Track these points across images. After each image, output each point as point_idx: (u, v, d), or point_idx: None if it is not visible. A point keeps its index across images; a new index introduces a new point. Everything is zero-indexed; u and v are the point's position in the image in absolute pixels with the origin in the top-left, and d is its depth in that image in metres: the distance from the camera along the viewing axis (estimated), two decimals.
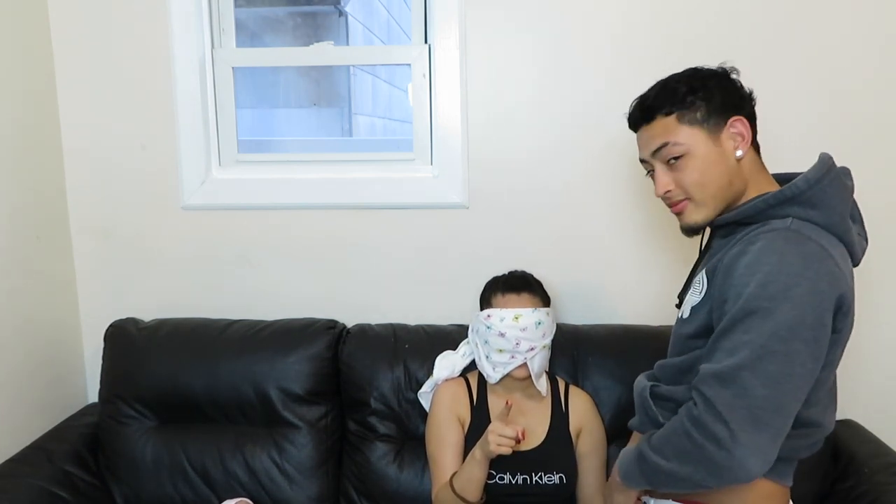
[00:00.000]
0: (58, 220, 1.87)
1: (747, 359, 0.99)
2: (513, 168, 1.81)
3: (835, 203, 1.08)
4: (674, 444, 1.06)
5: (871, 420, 1.72)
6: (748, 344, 1.00)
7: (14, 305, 1.70)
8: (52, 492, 1.55)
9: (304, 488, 1.65)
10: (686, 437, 1.03)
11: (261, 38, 3.96)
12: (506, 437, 1.31)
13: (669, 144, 1.14)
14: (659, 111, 1.15)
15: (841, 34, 1.69)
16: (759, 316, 1.00)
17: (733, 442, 0.98)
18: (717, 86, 1.14)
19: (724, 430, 0.98)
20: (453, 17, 1.75)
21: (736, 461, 0.98)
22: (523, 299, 1.49)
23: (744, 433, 0.98)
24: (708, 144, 1.13)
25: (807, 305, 0.99)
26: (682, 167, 1.14)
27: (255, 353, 1.69)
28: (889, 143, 1.72)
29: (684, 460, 1.04)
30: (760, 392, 0.98)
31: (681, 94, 1.14)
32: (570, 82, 1.76)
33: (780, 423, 1.00)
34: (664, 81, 1.19)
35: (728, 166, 1.13)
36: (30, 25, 1.76)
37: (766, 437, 0.99)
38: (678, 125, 1.14)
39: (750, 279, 1.02)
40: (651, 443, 1.11)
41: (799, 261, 1.01)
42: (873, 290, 1.76)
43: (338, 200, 1.85)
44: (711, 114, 1.13)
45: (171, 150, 1.86)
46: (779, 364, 0.99)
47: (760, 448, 0.99)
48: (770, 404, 0.99)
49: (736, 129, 1.13)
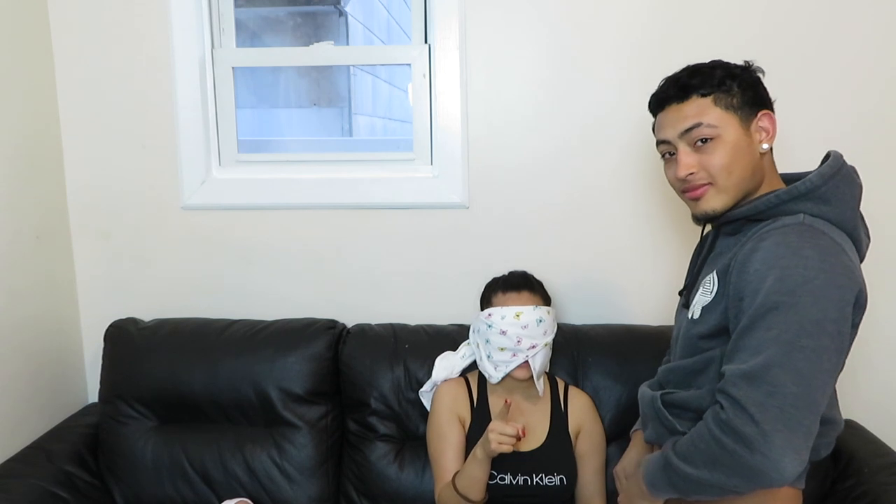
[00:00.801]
0: (58, 220, 1.87)
1: (776, 356, 0.97)
2: (513, 168, 1.81)
3: (847, 199, 1.09)
4: (702, 451, 1.03)
5: (871, 420, 1.72)
6: (774, 340, 0.98)
7: (14, 305, 1.70)
8: (52, 492, 1.54)
9: (304, 488, 1.65)
10: (715, 443, 1.00)
11: (261, 38, 3.97)
12: (506, 436, 1.31)
13: (703, 125, 1.12)
14: (696, 90, 1.14)
15: (848, 33, 1.69)
16: (781, 311, 0.98)
17: (767, 444, 0.95)
18: (750, 77, 1.15)
19: (757, 432, 0.95)
20: (453, 17, 1.75)
21: (771, 463, 0.95)
22: (524, 297, 1.49)
23: (778, 434, 0.95)
24: (739, 132, 1.13)
25: (828, 299, 0.98)
26: (711, 150, 1.12)
27: (255, 353, 1.69)
28: (893, 143, 1.72)
29: (715, 467, 1.01)
30: (792, 390, 0.96)
31: (719, 77, 1.13)
32: (571, 82, 1.76)
33: (811, 421, 0.98)
34: (696, 66, 1.17)
35: (753, 157, 1.13)
36: (30, 26, 1.75)
37: (800, 436, 0.96)
38: (713, 107, 1.13)
39: (767, 274, 1.01)
40: (677, 451, 1.08)
41: (815, 254, 1.00)
42: (874, 290, 1.75)
43: (338, 200, 1.85)
44: (745, 103, 1.13)
45: (171, 150, 1.86)
46: (808, 360, 0.97)
47: (795, 448, 0.96)
48: (802, 402, 0.96)
49: (764, 123, 1.14)
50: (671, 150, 1.18)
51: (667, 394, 1.20)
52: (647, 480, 1.15)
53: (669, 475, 1.08)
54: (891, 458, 1.53)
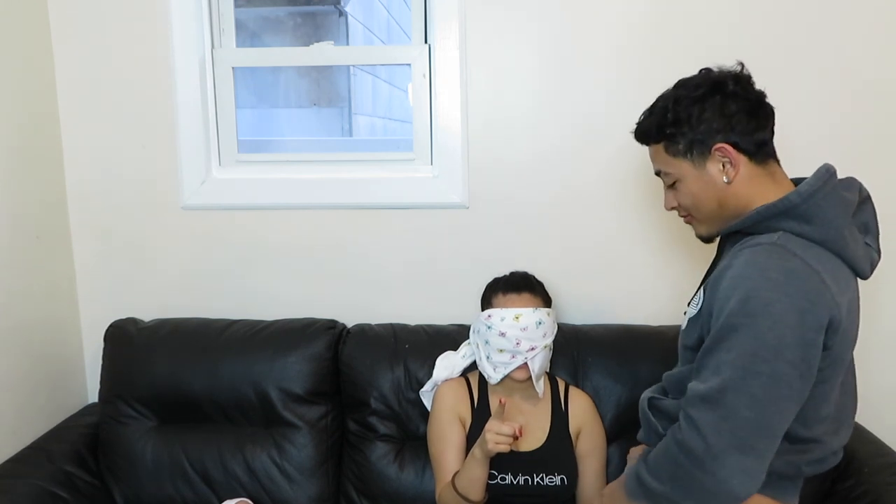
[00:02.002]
0: (58, 220, 1.87)
1: (731, 380, 0.99)
2: (513, 168, 1.81)
3: (831, 217, 1.05)
4: (664, 467, 1.07)
5: (871, 420, 1.72)
6: (731, 364, 1.00)
7: (14, 305, 1.70)
8: (52, 492, 1.54)
9: (304, 488, 1.65)
10: (673, 460, 1.04)
11: (261, 38, 3.97)
12: (503, 435, 1.31)
13: (663, 173, 1.20)
14: (651, 139, 1.20)
15: (849, 35, 1.69)
16: (741, 333, 1.00)
17: (716, 464, 0.98)
18: (700, 113, 1.12)
19: (707, 453, 0.99)
20: (453, 17, 1.75)
21: (719, 483, 0.99)
22: (524, 299, 1.49)
23: (728, 456, 0.98)
24: (693, 174, 1.15)
25: (786, 325, 0.98)
26: (678, 189, 1.19)
27: (255, 353, 1.69)
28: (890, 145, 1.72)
29: (677, 484, 1.04)
30: (745, 414, 0.98)
31: (666, 125, 1.15)
32: (571, 82, 1.76)
33: (765, 445, 1.01)
34: (655, 104, 1.20)
35: (717, 190, 1.14)
36: (30, 26, 1.75)
37: (752, 458, 0.99)
38: (666, 155, 1.18)
39: (732, 293, 1.02)
40: (648, 464, 1.11)
41: (780, 277, 1.00)
42: (874, 292, 1.76)
43: (338, 200, 1.85)
44: (694, 144, 1.13)
45: (171, 150, 1.86)
46: (763, 386, 0.98)
47: (745, 470, 0.99)
48: (755, 426, 0.99)
49: (721, 154, 1.12)
50: None
51: (656, 399, 1.23)
52: (627, 489, 1.17)
53: (643, 488, 1.11)
54: (891, 458, 1.53)
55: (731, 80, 1.13)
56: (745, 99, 1.12)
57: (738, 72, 1.15)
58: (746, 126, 1.11)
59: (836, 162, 1.18)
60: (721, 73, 1.15)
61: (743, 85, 1.13)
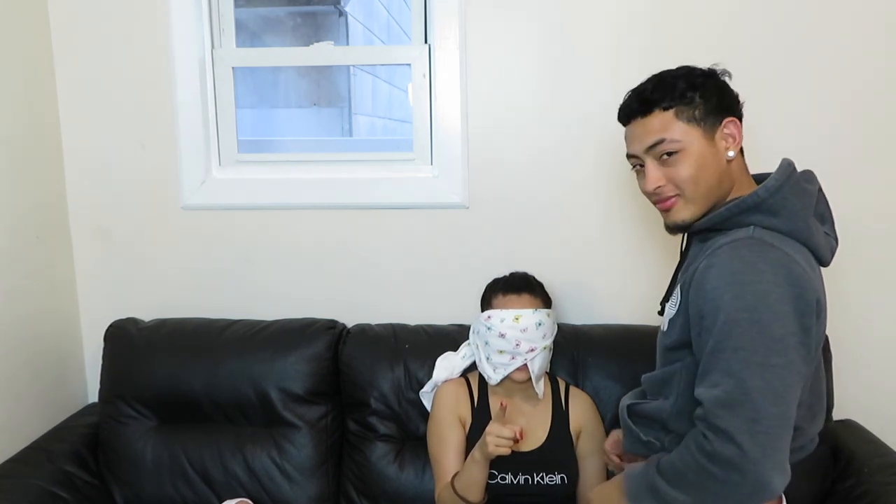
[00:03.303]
0: (58, 220, 1.87)
1: (751, 379, 0.98)
2: (513, 168, 1.81)
3: (796, 209, 1.08)
4: (692, 481, 1.03)
5: (871, 420, 1.72)
6: (745, 362, 0.99)
7: (14, 305, 1.70)
8: (52, 492, 1.54)
9: (304, 488, 1.65)
10: (705, 473, 1.01)
11: (261, 38, 3.97)
12: (504, 438, 1.31)
13: (666, 141, 1.13)
14: (657, 105, 1.14)
15: (848, 35, 1.69)
16: (745, 328, 0.99)
17: (757, 468, 0.97)
18: (714, 85, 1.15)
19: (745, 460, 0.97)
20: (453, 17, 1.75)
21: (763, 485, 0.97)
22: (524, 300, 1.49)
23: (766, 458, 0.97)
24: (702, 143, 1.13)
25: (786, 314, 0.99)
26: (676, 163, 1.13)
27: (255, 353, 1.69)
28: (891, 145, 1.72)
29: (707, 494, 1.02)
30: (771, 410, 0.98)
31: (680, 90, 1.13)
32: (571, 82, 1.76)
33: (788, 435, 1.01)
34: (660, 75, 1.18)
35: (719, 166, 1.14)
36: (30, 25, 1.75)
37: (782, 453, 0.99)
38: (675, 121, 1.13)
39: (724, 291, 1.02)
40: (664, 474, 1.08)
41: (768, 267, 1.01)
42: (873, 291, 1.76)
43: (338, 200, 1.85)
44: (709, 113, 1.13)
45: (171, 150, 1.86)
46: (780, 378, 0.99)
47: (781, 466, 0.98)
48: (781, 420, 0.99)
49: (729, 130, 1.14)
50: (640, 163, 1.19)
51: (634, 404, 1.22)
52: (629, 493, 1.13)
53: (657, 498, 1.08)
54: (890, 458, 1.53)
55: (718, 74, 1.18)
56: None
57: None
58: (741, 113, 1.17)
59: (837, 161, 1.19)
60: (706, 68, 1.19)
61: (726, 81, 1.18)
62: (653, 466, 1.11)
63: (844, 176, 1.69)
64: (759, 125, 1.63)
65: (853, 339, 1.75)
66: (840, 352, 1.68)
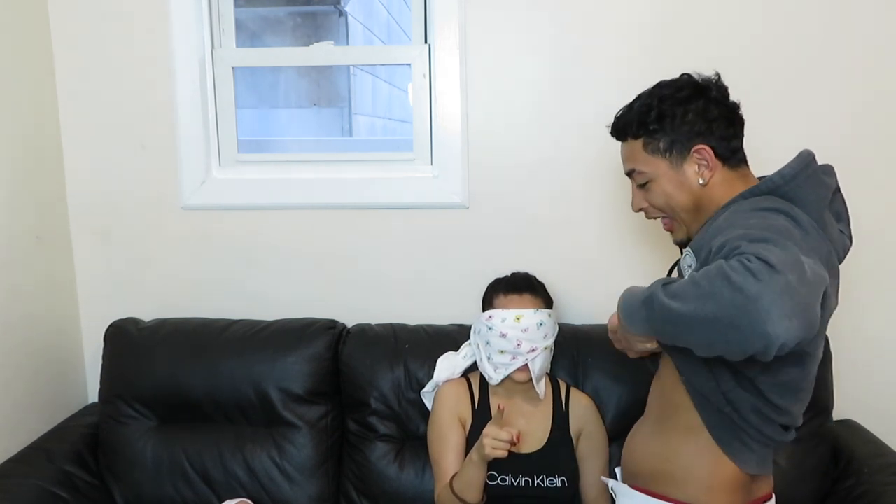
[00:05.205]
0: (58, 220, 1.87)
1: (774, 236, 0.93)
2: (513, 168, 1.81)
3: (811, 199, 1.07)
4: (702, 287, 0.92)
5: (870, 420, 1.73)
6: (768, 228, 0.95)
7: (14, 305, 1.69)
8: (52, 492, 1.54)
9: (304, 488, 1.65)
10: (721, 276, 0.89)
11: (261, 38, 3.97)
12: (500, 441, 1.31)
13: (636, 172, 1.20)
14: (628, 133, 1.20)
15: (855, 38, 1.69)
16: (770, 242, 0.92)
17: (773, 300, 0.85)
18: (684, 114, 1.14)
19: (770, 282, 0.86)
20: (453, 17, 1.75)
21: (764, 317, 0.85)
22: (525, 300, 1.49)
23: (788, 297, 0.85)
24: (669, 173, 1.16)
25: (805, 254, 0.92)
26: (649, 190, 1.19)
27: (255, 353, 1.69)
28: (890, 145, 1.72)
29: (707, 302, 0.90)
30: (811, 275, 0.89)
31: (649, 121, 1.15)
32: (571, 81, 1.76)
33: (817, 302, 0.90)
34: (636, 101, 1.21)
35: (692, 192, 1.15)
36: (30, 26, 1.75)
37: (803, 310, 0.87)
38: (643, 153, 1.17)
39: (745, 220, 1.00)
40: (667, 290, 0.98)
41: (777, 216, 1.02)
42: (873, 291, 1.76)
43: (338, 200, 1.85)
44: (675, 143, 1.15)
45: (171, 150, 1.85)
46: (813, 271, 0.90)
47: (792, 317, 0.86)
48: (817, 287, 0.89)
49: (701, 156, 1.14)
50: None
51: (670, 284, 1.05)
52: (623, 312, 1.08)
53: (649, 311, 1.00)
54: (890, 458, 1.53)
55: (713, 87, 1.17)
56: (725, 106, 1.17)
57: (717, 80, 1.19)
58: (725, 132, 1.15)
59: (842, 162, 1.19)
60: (703, 78, 1.18)
61: (723, 93, 1.18)
62: (658, 283, 1.03)
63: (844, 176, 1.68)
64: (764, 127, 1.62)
65: (853, 339, 1.75)
66: (840, 352, 1.67)
